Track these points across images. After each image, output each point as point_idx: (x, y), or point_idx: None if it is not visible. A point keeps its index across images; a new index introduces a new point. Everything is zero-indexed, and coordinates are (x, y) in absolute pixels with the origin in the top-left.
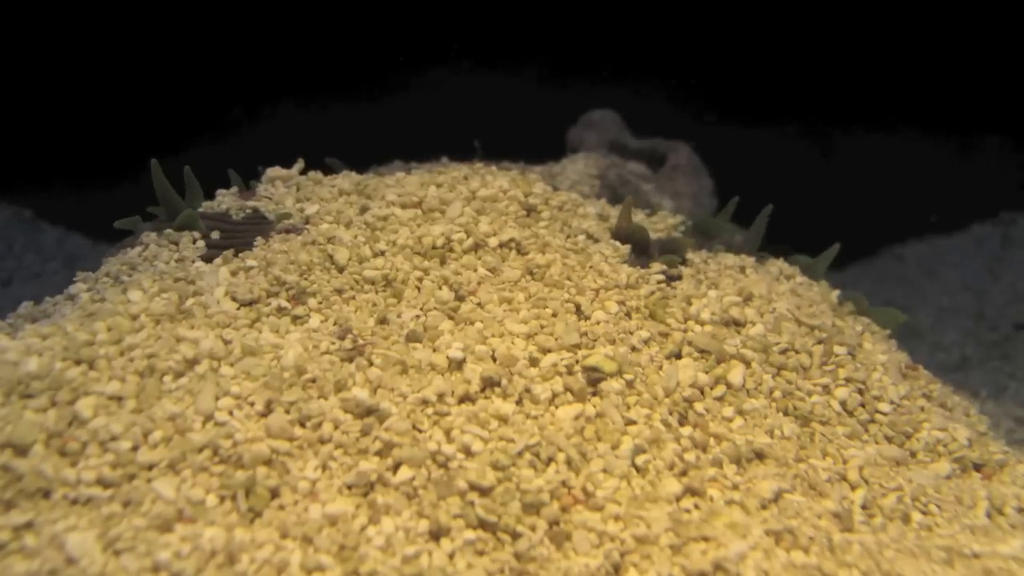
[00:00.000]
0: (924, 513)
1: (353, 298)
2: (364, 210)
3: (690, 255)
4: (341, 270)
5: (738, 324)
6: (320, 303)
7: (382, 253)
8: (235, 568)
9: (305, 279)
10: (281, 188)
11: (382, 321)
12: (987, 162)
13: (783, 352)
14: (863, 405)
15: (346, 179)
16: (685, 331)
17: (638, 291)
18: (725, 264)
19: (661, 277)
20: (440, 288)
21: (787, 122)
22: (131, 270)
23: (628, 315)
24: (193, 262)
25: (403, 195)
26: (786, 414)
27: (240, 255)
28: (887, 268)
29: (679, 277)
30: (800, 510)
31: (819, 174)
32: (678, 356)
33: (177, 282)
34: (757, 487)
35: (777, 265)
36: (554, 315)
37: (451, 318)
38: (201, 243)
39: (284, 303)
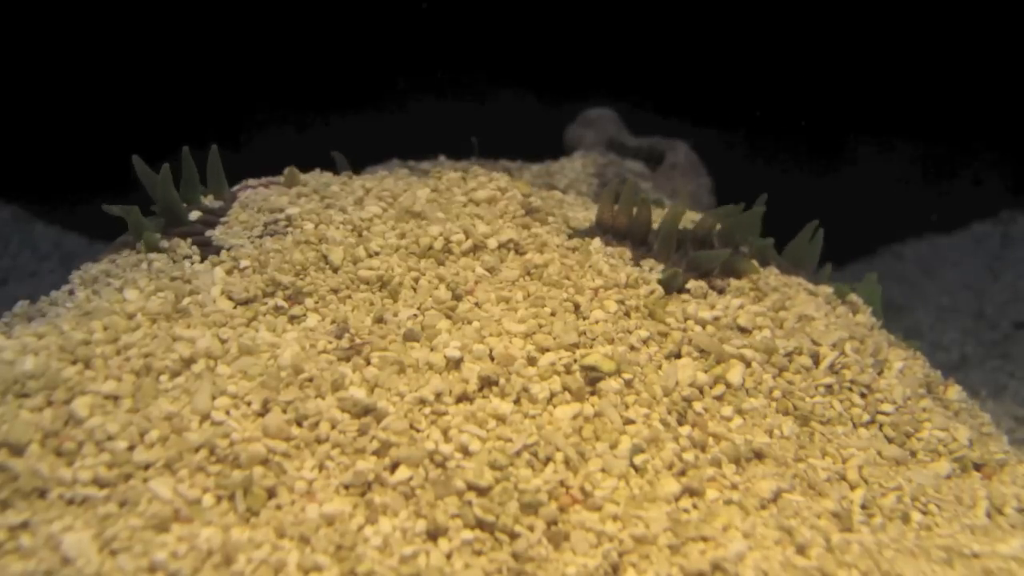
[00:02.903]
0: (924, 513)
1: (349, 297)
2: (345, 211)
3: (758, 266)
4: (336, 270)
5: (744, 330)
6: (317, 303)
7: (376, 254)
8: (232, 568)
9: (301, 279)
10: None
11: (379, 320)
12: (987, 161)
13: (787, 355)
14: (866, 407)
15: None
16: (684, 330)
17: (637, 290)
18: (786, 282)
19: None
20: (437, 288)
21: (787, 121)
22: (107, 277)
23: (627, 314)
24: (187, 258)
25: (382, 195)
26: (786, 414)
27: (233, 254)
28: (887, 267)
29: (722, 291)
30: (799, 510)
31: (819, 172)
32: (677, 356)
33: (173, 281)
34: (756, 487)
35: (850, 297)
36: (552, 314)
37: (448, 317)
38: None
39: (281, 302)
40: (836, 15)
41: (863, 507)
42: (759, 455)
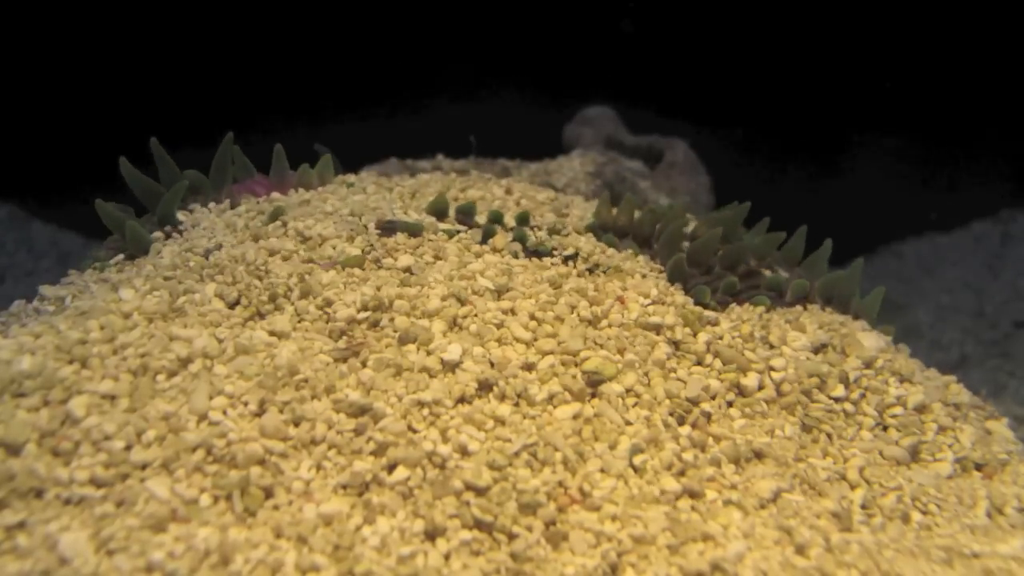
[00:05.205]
0: (924, 513)
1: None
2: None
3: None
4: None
5: (771, 346)
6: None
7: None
8: (229, 568)
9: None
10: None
11: (376, 324)
12: (987, 160)
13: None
14: (875, 410)
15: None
16: (708, 343)
17: (667, 299)
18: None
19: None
20: (444, 298)
21: (786, 120)
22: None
23: (640, 325)
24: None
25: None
26: (790, 414)
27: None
28: (886, 265)
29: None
30: (799, 510)
31: (818, 171)
32: (697, 364)
33: (168, 280)
34: (756, 487)
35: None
36: (559, 319)
37: (450, 320)
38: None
39: (278, 303)
40: (836, 13)
41: (863, 507)
42: (759, 455)
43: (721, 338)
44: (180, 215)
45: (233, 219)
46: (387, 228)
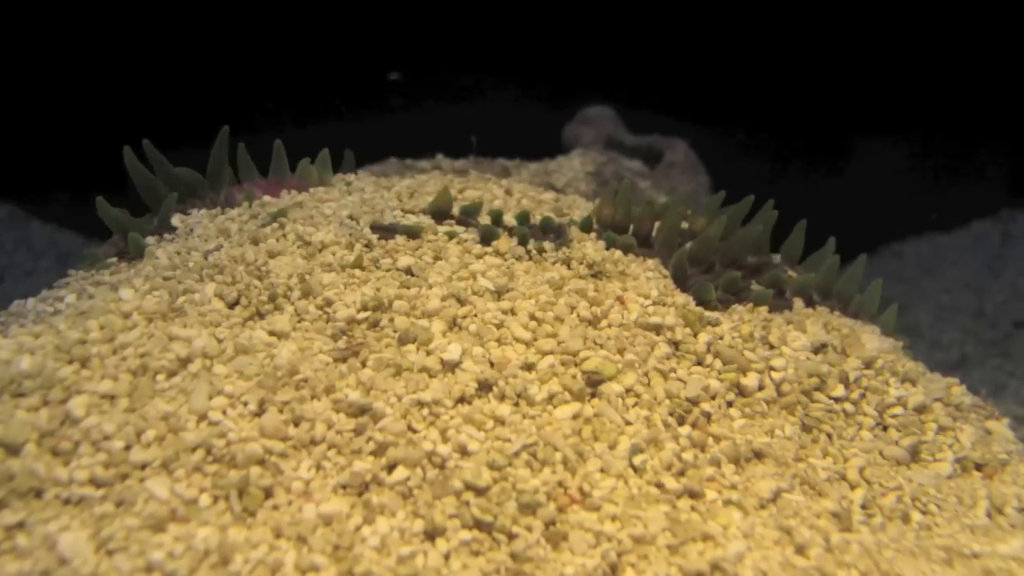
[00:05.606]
0: (924, 513)
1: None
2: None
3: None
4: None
5: (771, 346)
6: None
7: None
8: (229, 568)
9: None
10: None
11: (376, 324)
12: (987, 160)
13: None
14: (875, 410)
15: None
16: (709, 343)
17: (670, 299)
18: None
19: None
20: (443, 299)
21: (786, 120)
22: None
23: (640, 325)
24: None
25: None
26: (790, 414)
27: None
28: (886, 265)
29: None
30: (799, 510)
31: (818, 171)
32: (697, 364)
33: (167, 280)
34: (755, 487)
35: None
36: (559, 319)
37: (450, 320)
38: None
39: (278, 302)
40: (836, 12)
41: (863, 507)
42: (759, 455)
43: (721, 338)
44: (176, 220)
45: (227, 224)
46: (387, 230)
